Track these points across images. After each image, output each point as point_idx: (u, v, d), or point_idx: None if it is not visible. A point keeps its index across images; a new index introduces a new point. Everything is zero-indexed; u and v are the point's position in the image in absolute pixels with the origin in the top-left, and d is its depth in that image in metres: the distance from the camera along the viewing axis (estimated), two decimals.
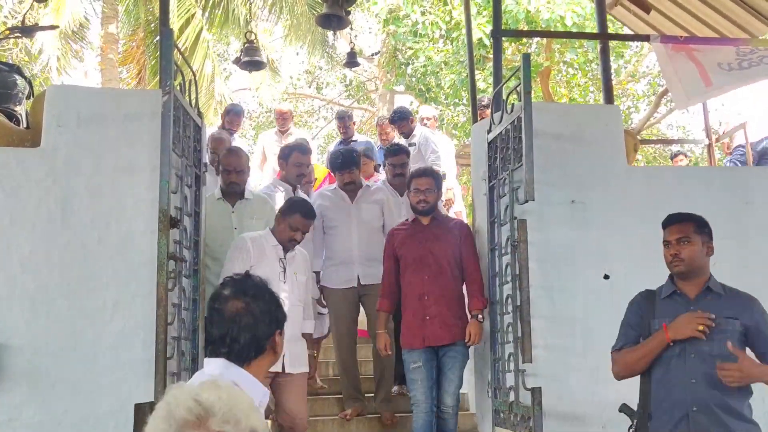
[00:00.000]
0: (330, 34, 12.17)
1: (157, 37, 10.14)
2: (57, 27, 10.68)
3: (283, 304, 3.62)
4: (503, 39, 9.59)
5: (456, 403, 4.57)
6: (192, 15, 11.80)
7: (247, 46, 8.18)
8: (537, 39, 13.22)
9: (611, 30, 8.45)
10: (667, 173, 5.76)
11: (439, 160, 7.45)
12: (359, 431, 5.25)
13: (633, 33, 7.70)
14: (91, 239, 4.27)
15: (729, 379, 3.02)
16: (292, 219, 4.43)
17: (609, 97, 5.80)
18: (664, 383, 3.21)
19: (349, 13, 7.24)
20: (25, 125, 4.82)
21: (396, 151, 5.95)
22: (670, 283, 3.35)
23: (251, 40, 8.25)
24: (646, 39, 5.76)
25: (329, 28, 7.30)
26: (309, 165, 5.59)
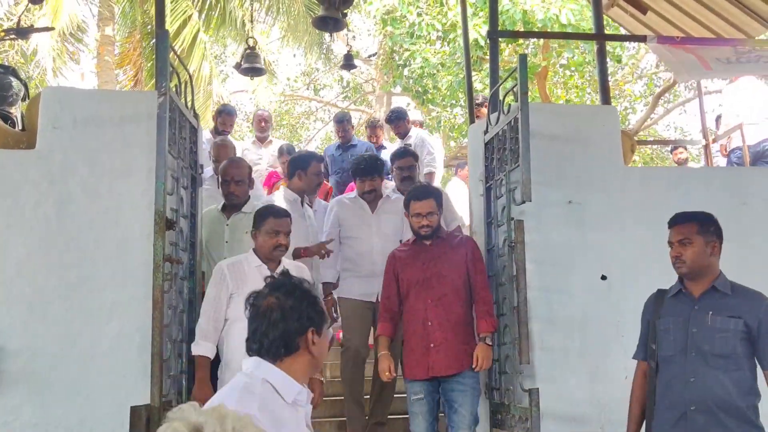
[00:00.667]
0: (327, 35, 12.18)
1: (154, 39, 10.14)
2: (52, 29, 10.68)
3: None
4: (500, 40, 9.61)
5: None
6: (189, 17, 11.81)
7: (248, 52, 8.20)
8: (534, 40, 13.22)
9: (608, 31, 8.45)
10: (664, 174, 5.76)
11: (434, 162, 7.45)
12: None
13: (629, 34, 7.70)
14: (88, 241, 4.26)
15: None
16: (266, 226, 4.04)
17: (606, 97, 5.80)
18: (666, 381, 3.22)
19: (345, 15, 7.24)
20: (20, 127, 4.82)
21: (402, 154, 5.70)
22: (678, 282, 3.37)
23: (252, 46, 8.27)
24: (643, 40, 5.77)
25: (326, 30, 7.31)
26: (322, 174, 5.40)
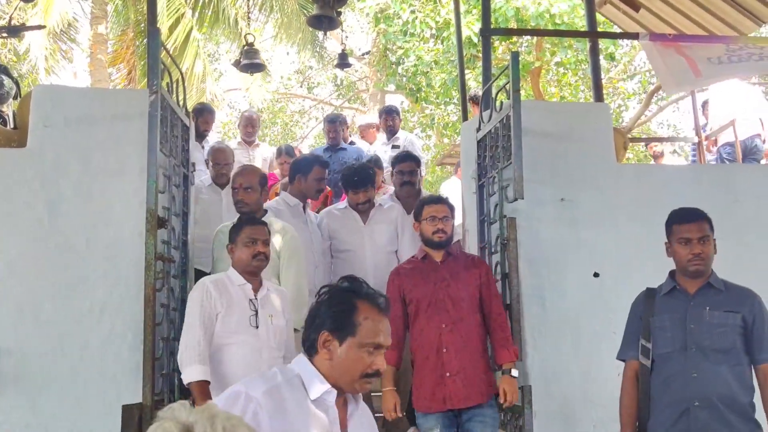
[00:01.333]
0: (320, 33, 12.15)
1: (146, 37, 10.11)
2: (44, 27, 10.63)
3: (257, 355, 3.44)
4: (493, 37, 9.61)
5: None
6: (182, 15, 11.77)
7: (246, 48, 8.20)
8: (527, 39, 13.23)
9: (601, 29, 8.46)
10: (656, 171, 5.78)
11: (420, 166, 7.39)
12: None
13: (622, 31, 7.71)
14: (79, 241, 4.25)
15: None
16: (241, 236, 3.70)
17: (599, 95, 5.81)
18: (664, 378, 3.19)
19: (340, 13, 7.24)
20: (12, 126, 4.80)
21: (404, 158, 5.40)
22: (670, 280, 3.33)
23: (251, 43, 8.26)
24: (635, 37, 5.76)
25: (320, 28, 7.30)
26: (326, 180, 5.11)
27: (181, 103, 4.60)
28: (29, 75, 12.59)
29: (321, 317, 2.15)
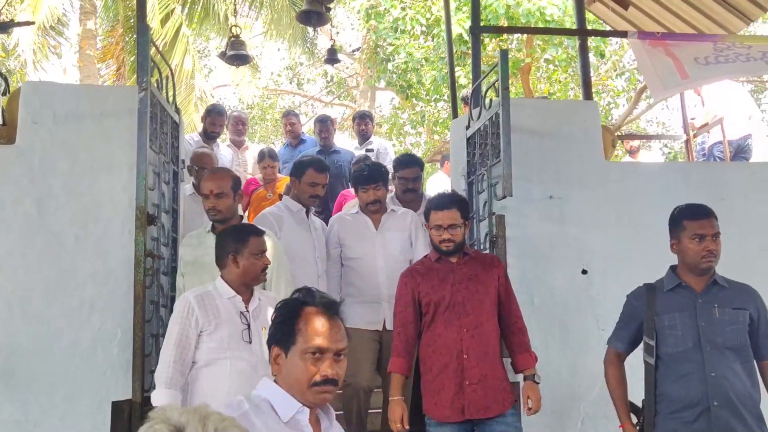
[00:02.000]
0: (311, 29, 12.14)
1: (136, 33, 10.08)
2: (33, 23, 10.57)
3: (252, 371, 3.25)
4: (483, 35, 9.64)
5: None
6: (171, 10, 11.73)
7: (232, 40, 8.12)
8: (518, 35, 13.26)
9: (590, 27, 8.49)
10: (644, 169, 5.81)
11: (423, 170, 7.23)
12: None
13: (611, 29, 7.74)
14: (68, 238, 4.24)
15: None
16: (250, 247, 3.40)
17: (588, 93, 5.84)
18: (679, 378, 3.12)
19: (329, 9, 7.23)
20: (0, 122, 4.77)
21: (408, 162, 5.07)
22: (673, 276, 3.27)
23: (237, 34, 8.21)
24: (624, 35, 5.80)
25: (309, 24, 7.30)
26: (325, 185, 4.63)
27: (171, 99, 4.60)
28: (18, 71, 12.51)
29: (271, 333, 2.10)
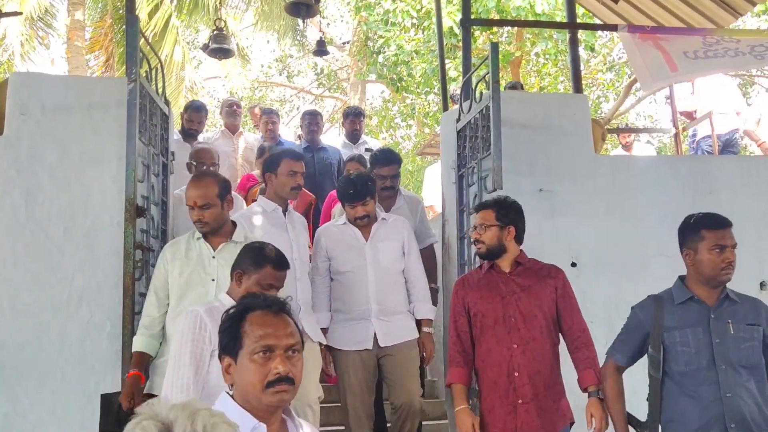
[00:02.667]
0: (301, 21, 12.11)
1: (125, 24, 10.02)
2: (20, 13, 10.50)
3: None
4: (473, 28, 9.63)
5: None
6: (160, 1, 11.68)
7: (215, 33, 8.09)
8: (508, 28, 13.26)
9: (580, 20, 8.51)
10: (633, 162, 5.84)
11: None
12: None
13: (601, 23, 7.75)
14: (57, 230, 4.22)
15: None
16: (261, 274, 3.10)
17: (578, 86, 5.85)
18: (692, 398, 2.98)
19: (319, 1, 7.22)
20: None
21: (387, 160, 4.87)
22: (683, 288, 3.11)
23: (220, 28, 8.18)
24: (614, 29, 5.82)
25: (299, 16, 7.28)
26: (303, 173, 4.30)
27: (160, 91, 4.58)
28: (5, 62, 12.41)
29: (220, 345, 2.03)
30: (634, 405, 3.23)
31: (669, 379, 3.04)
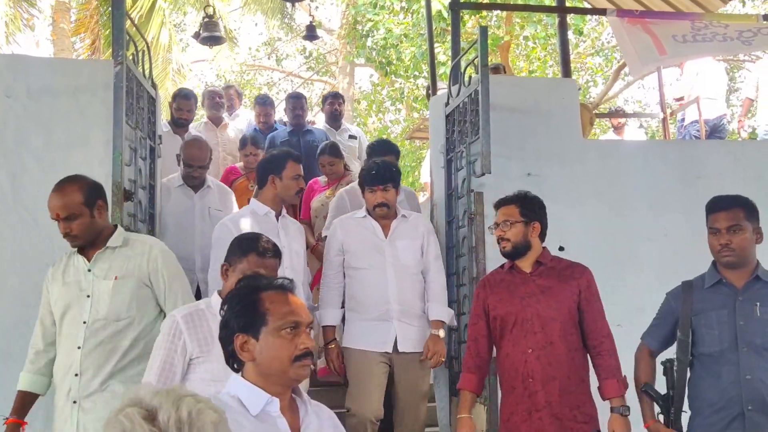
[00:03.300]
0: (289, 3, 12.03)
1: (111, 6, 9.91)
2: None
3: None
4: (463, 12, 9.59)
5: None
6: None
7: (206, 21, 8.07)
8: (497, 12, 13.22)
9: (569, 4, 8.49)
10: (621, 147, 5.86)
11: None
12: None
13: (590, 7, 7.74)
14: (43, 214, 4.16)
15: None
16: (246, 263, 2.91)
17: (566, 70, 5.85)
18: (713, 379, 2.99)
19: None
20: None
21: (385, 150, 4.81)
22: (714, 272, 3.11)
23: (210, 15, 8.13)
24: (603, 13, 5.81)
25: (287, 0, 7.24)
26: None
27: (147, 74, 4.55)
28: None
29: (229, 325, 2.03)
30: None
31: (696, 360, 3.08)
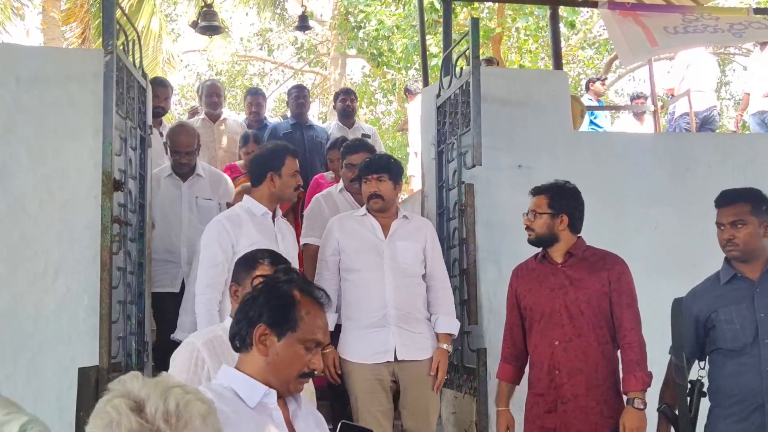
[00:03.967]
0: None
1: None
2: None
3: None
4: (454, 3, 9.58)
5: None
6: None
7: (204, 10, 8.02)
8: (489, 4, 13.21)
9: None
10: (611, 139, 5.88)
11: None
12: None
13: None
14: (33, 204, 4.17)
15: None
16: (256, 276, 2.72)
17: (558, 63, 5.86)
18: (734, 373, 2.97)
19: None
20: None
21: (357, 147, 4.56)
22: (728, 267, 3.11)
23: (209, 4, 8.09)
24: (594, 5, 5.82)
25: None
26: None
27: (138, 63, 4.52)
28: None
29: (257, 310, 1.98)
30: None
31: (716, 355, 3.04)
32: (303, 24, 9.22)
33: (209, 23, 7.91)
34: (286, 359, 1.96)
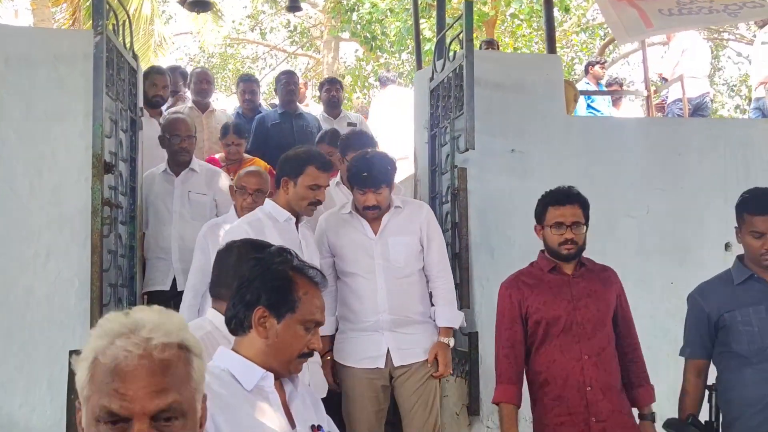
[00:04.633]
0: None
1: None
2: None
3: None
4: None
5: None
6: None
7: None
8: None
9: None
10: (605, 123, 5.87)
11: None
12: None
13: None
14: (23, 186, 4.15)
15: None
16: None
17: (552, 47, 5.83)
18: (755, 376, 2.89)
19: None
20: None
21: (357, 143, 4.39)
22: (742, 267, 3.01)
23: None
24: None
25: None
26: (327, 187, 3.57)
27: (128, 45, 4.49)
28: None
29: (254, 293, 1.98)
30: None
31: (729, 359, 2.96)
32: (294, 4, 9.13)
33: None
34: (286, 340, 1.97)
